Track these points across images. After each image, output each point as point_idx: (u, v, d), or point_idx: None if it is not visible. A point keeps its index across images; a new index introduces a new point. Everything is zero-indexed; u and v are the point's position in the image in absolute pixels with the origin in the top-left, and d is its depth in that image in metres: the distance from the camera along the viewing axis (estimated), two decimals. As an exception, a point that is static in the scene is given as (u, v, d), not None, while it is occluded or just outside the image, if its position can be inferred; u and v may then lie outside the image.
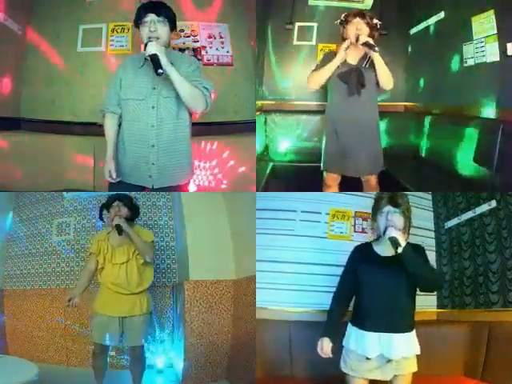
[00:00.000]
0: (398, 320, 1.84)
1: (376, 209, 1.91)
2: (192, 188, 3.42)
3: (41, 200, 3.78)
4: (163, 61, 2.08)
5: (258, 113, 3.87)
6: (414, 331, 1.87)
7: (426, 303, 2.95)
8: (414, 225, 3.07)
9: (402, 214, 1.87)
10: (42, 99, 3.55)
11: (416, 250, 1.87)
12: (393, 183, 3.16)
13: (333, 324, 1.95)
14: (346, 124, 2.55)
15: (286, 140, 4.11)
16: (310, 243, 2.88)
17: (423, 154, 3.86)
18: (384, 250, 1.91)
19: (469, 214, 2.76)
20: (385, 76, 2.47)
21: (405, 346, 1.82)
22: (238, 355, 2.76)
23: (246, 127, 3.62)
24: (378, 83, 2.51)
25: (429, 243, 3.06)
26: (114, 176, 2.26)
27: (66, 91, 3.55)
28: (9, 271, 3.70)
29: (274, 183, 3.44)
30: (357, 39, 2.42)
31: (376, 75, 2.48)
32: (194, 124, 3.64)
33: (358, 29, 2.43)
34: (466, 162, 3.10)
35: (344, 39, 2.53)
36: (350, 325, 1.95)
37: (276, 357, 2.55)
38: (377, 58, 2.43)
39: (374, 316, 1.85)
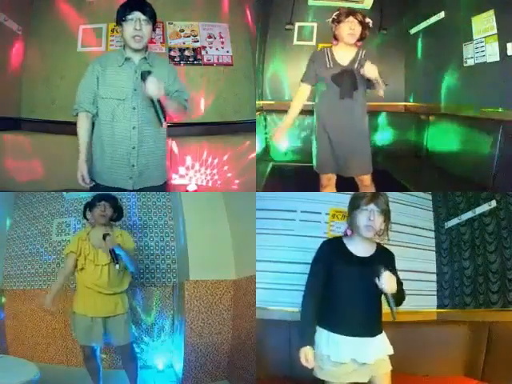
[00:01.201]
0: (372, 324, 1.81)
1: (356, 205, 1.82)
2: (192, 188, 3.42)
3: (41, 200, 3.78)
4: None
5: (258, 113, 3.87)
6: (383, 332, 1.84)
7: (426, 303, 2.95)
8: (413, 225, 3.08)
9: (382, 214, 1.79)
10: (41, 99, 3.55)
11: (387, 256, 1.86)
12: (393, 183, 3.16)
13: (310, 328, 1.82)
14: (337, 126, 2.50)
15: (285, 140, 4.11)
16: (310, 243, 2.86)
17: (423, 154, 3.86)
18: (358, 249, 1.85)
19: (469, 214, 2.76)
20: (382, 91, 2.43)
21: (378, 349, 1.79)
22: (238, 355, 2.76)
23: (246, 127, 3.62)
24: (368, 85, 2.47)
25: (429, 243, 3.06)
26: (88, 181, 2.22)
27: (66, 91, 3.55)
28: (9, 271, 3.70)
29: (274, 183, 3.44)
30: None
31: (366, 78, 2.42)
32: (194, 124, 3.70)
33: (352, 28, 2.38)
34: (466, 162, 3.10)
35: (336, 38, 2.49)
36: (318, 327, 1.84)
37: (276, 357, 2.55)
38: (380, 89, 2.37)
39: (349, 320, 1.78)
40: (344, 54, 2.48)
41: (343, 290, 1.81)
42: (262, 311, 2.66)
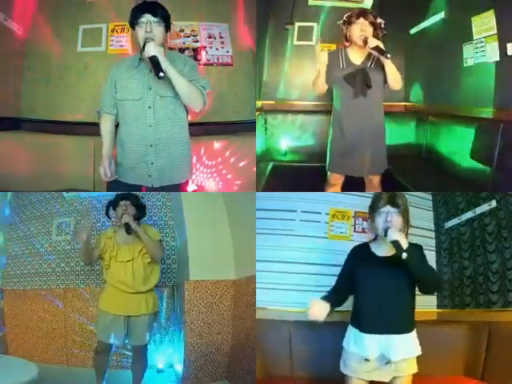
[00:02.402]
0: (396, 321, 1.82)
1: (374, 208, 1.88)
2: (192, 188, 3.42)
3: (41, 200, 3.78)
4: (163, 62, 2.07)
5: (257, 113, 3.87)
6: (414, 332, 1.86)
7: (426, 303, 2.95)
8: (414, 225, 3.08)
9: (400, 215, 1.85)
10: (41, 99, 3.55)
11: (416, 249, 1.86)
12: (393, 183, 3.15)
13: (332, 296, 1.89)
14: (352, 125, 2.52)
15: (285, 140, 4.11)
16: (310, 243, 2.88)
17: (423, 154, 3.86)
18: (381, 250, 1.90)
19: (469, 214, 2.76)
20: (395, 78, 2.43)
21: (404, 348, 1.80)
22: (238, 355, 2.76)
23: (246, 127, 3.62)
24: (384, 83, 2.48)
25: (429, 243, 3.06)
26: (109, 175, 2.23)
27: (66, 91, 3.55)
28: (9, 271, 3.70)
29: (274, 183, 3.44)
30: (365, 42, 2.37)
31: (382, 75, 2.44)
32: (194, 124, 3.68)
33: (363, 30, 2.39)
34: (466, 162, 3.10)
35: (348, 40, 2.50)
36: (349, 326, 1.93)
37: (276, 357, 2.55)
38: (387, 63, 2.37)
39: (372, 318, 1.83)
40: (357, 54, 2.50)
41: (367, 289, 1.86)
42: (261, 311, 2.66)
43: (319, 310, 1.80)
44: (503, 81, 2.78)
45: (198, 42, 3.80)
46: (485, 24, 2.88)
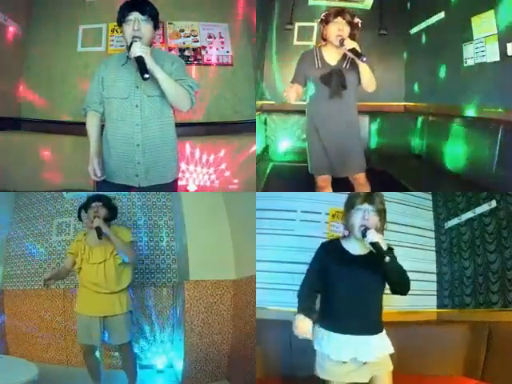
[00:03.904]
0: (369, 321, 1.79)
1: (351, 205, 1.81)
2: (192, 188, 3.42)
3: (41, 200, 3.78)
4: (149, 62, 2.05)
5: (257, 113, 3.88)
6: (384, 331, 1.83)
7: (426, 303, 2.95)
8: (413, 225, 3.08)
9: (377, 214, 1.78)
10: (42, 99, 3.56)
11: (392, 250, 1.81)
12: (393, 183, 3.16)
13: (307, 305, 1.82)
14: (328, 126, 2.50)
15: (285, 140, 4.11)
16: (310, 243, 2.87)
17: (423, 154, 3.86)
18: (355, 248, 1.84)
19: (469, 214, 2.76)
20: (369, 80, 2.40)
21: (378, 347, 1.77)
22: (238, 355, 2.76)
23: (246, 127, 3.62)
24: (358, 84, 2.45)
25: (429, 243, 3.06)
26: (99, 174, 2.22)
27: (66, 91, 3.55)
28: (9, 271, 3.71)
29: (274, 183, 3.44)
30: (341, 43, 2.32)
31: (357, 76, 2.41)
32: (194, 124, 3.70)
33: (340, 29, 2.34)
34: (466, 162, 3.10)
35: (324, 39, 2.46)
36: (317, 327, 1.84)
37: (276, 357, 2.55)
38: (362, 65, 2.33)
39: (344, 317, 1.78)
40: (333, 54, 2.46)
41: (340, 288, 1.80)
42: (261, 311, 2.66)
43: (305, 327, 1.76)
44: (503, 81, 2.78)
45: (198, 41, 3.80)
46: (485, 24, 2.88)
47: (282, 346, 2.55)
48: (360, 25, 2.43)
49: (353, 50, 2.29)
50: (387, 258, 1.67)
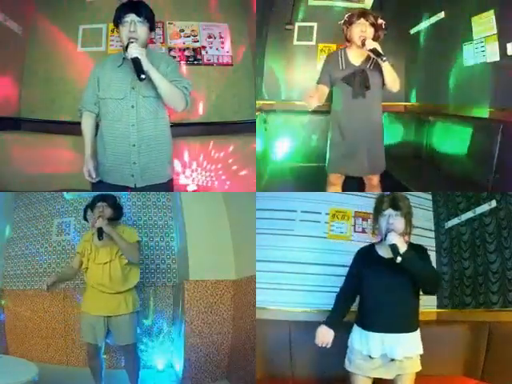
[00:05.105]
0: (400, 321, 1.86)
1: (377, 210, 1.93)
2: (192, 188, 3.42)
3: (41, 200, 3.78)
4: (145, 64, 2.07)
5: (257, 113, 3.87)
6: (418, 331, 1.89)
7: (426, 303, 2.95)
8: (414, 225, 3.08)
9: (403, 217, 1.88)
10: (41, 99, 3.55)
11: (418, 251, 1.88)
12: (393, 183, 3.15)
13: (334, 317, 1.95)
14: (351, 126, 2.54)
15: (286, 140, 4.11)
16: (310, 243, 2.88)
17: (423, 154, 3.86)
18: (387, 252, 1.91)
19: (469, 214, 2.76)
20: (392, 80, 2.43)
21: (407, 346, 1.84)
22: (238, 355, 2.76)
23: (246, 127, 3.62)
24: (383, 84, 2.49)
25: (429, 243, 3.06)
26: (94, 175, 2.24)
27: (66, 91, 3.55)
28: (9, 271, 3.70)
29: (274, 183, 3.44)
30: (363, 43, 2.37)
31: (381, 77, 2.44)
32: (194, 124, 3.70)
33: (363, 31, 2.39)
34: (466, 162, 3.10)
35: (348, 40, 2.50)
36: (355, 325, 1.97)
37: (276, 357, 2.55)
38: (385, 66, 2.37)
39: (377, 317, 1.87)
40: (357, 55, 2.51)
41: (373, 290, 1.90)
42: (261, 311, 2.66)
43: (326, 337, 1.88)
44: (503, 81, 2.78)
45: (198, 41, 3.80)
46: (485, 24, 2.88)
47: (282, 346, 2.55)
48: (384, 26, 2.45)
49: (374, 50, 2.33)
50: (399, 259, 1.76)
